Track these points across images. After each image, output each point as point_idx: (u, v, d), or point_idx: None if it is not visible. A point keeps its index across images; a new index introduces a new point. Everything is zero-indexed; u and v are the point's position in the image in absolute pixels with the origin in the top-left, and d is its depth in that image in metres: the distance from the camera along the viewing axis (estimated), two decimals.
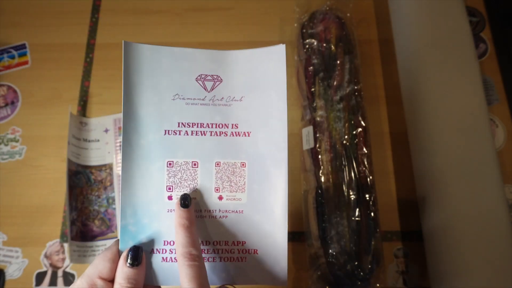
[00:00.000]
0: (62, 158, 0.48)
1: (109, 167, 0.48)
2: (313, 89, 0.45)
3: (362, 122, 0.43)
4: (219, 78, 0.28)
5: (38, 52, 0.54)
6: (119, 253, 0.25)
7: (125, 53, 0.27)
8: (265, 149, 0.27)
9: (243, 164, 0.27)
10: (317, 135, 0.43)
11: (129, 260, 0.24)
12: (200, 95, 0.28)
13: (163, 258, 0.26)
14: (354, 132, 0.42)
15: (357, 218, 0.40)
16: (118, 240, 0.26)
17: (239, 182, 0.27)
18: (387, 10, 0.53)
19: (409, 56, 0.46)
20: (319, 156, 0.42)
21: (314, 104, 0.44)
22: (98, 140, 0.49)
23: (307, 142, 0.44)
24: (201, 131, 0.27)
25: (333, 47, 0.45)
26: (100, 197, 0.47)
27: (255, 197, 0.27)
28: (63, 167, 0.47)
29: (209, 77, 0.28)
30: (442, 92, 0.42)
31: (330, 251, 0.39)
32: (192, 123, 0.27)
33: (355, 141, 0.42)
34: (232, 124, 0.28)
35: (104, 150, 0.49)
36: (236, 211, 0.27)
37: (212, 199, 0.27)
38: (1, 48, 0.54)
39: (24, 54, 0.54)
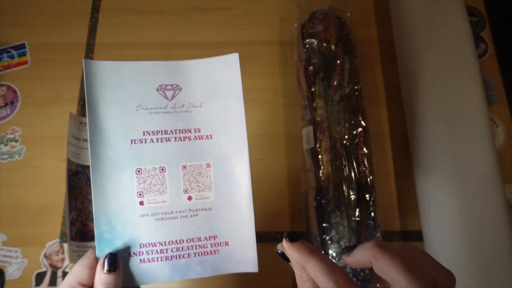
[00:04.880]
0: (62, 158, 0.48)
1: None
2: (313, 89, 0.45)
3: (362, 122, 0.43)
4: (178, 87, 0.30)
5: (38, 52, 0.54)
6: (96, 260, 0.26)
7: (86, 71, 0.28)
8: (227, 150, 0.29)
9: (208, 165, 0.29)
10: (317, 135, 0.43)
11: (105, 267, 0.25)
12: (162, 104, 0.29)
13: (140, 260, 0.28)
14: (354, 132, 0.42)
15: (357, 218, 0.40)
16: (95, 247, 0.27)
17: (206, 182, 0.29)
18: (387, 10, 0.53)
19: (409, 56, 0.46)
20: (319, 156, 0.42)
21: (314, 104, 0.44)
22: None
23: (307, 142, 0.44)
24: (165, 138, 0.29)
25: (333, 47, 0.45)
26: None
27: (222, 195, 0.29)
28: (63, 167, 0.47)
29: (169, 87, 0.29)
30: (442, 92, 0.42)
31: (330, 251, 0.39)
32: (157, 131, 0.29)
33: (355, 141, 0.42)
34: (195, 129, 0.29)
35: None
36: (206, 209, 0.29)
37: (182, 200, 0.29)
38: (1, 48, 0.54)
39: (24, 54, 0.54)
